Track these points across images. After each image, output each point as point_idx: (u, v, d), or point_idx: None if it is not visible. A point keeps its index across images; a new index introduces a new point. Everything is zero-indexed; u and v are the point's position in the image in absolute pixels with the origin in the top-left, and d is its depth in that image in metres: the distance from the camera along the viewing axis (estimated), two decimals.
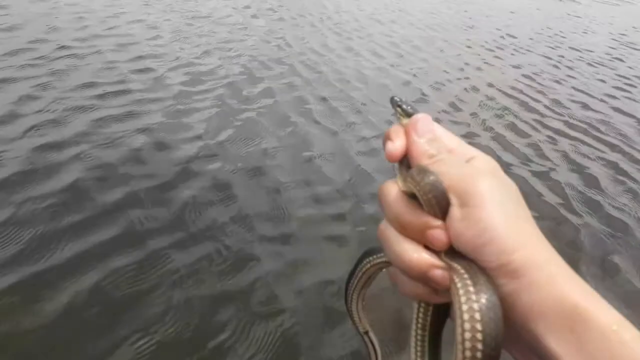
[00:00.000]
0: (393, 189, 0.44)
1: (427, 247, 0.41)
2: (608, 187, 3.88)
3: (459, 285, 0.38)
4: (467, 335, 0.36)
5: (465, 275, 0.38)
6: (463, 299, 0.37)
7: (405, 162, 0.45)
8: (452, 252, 0.40)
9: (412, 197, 0.42)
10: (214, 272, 2.45)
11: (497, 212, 0.38)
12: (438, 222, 0.40)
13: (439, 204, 0.40)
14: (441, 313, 0.44)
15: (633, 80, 7.00)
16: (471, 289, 0.37)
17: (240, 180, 3.24)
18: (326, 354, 2.12)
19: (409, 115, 0.48)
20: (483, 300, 0.36)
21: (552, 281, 0.36)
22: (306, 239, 2.79)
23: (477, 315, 0.36)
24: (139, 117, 3.87)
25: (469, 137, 4.38)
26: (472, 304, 0.36)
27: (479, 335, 0.35)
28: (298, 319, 2.26)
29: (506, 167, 3.85)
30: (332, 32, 7.29)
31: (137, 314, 2.15)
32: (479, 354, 0.35)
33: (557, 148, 4.44)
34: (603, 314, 0.35)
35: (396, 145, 0.45)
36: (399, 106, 0.49)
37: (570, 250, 3.04)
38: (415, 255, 0.40)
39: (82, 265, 2.35)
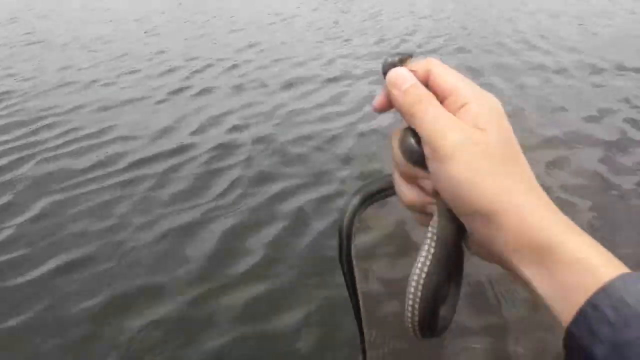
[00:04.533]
0: (394, 142, 0.46)
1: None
2: None
3: (428, 235, 0.45)
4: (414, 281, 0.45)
5: (433, 229, 0.45)
6: (422, 258, 0.45)
7: None
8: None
9: None
10: None
11: (462, 169, 0.40)
12: (424, 174, 0.44)
13: (417, 162, 0.44)
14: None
15: None
16: (430, 246, 0.45)
17: None
18: None
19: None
20: (427, 270, 0.45)
21: (522, 223, 0.39)
22: None
23: (421, 281, 0.44)
24: None
25: None
26: (422, 272, 0.45)
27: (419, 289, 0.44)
28: None
29: None
30: None
31: None
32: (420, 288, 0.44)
33: None
34: (571, 243, 0.37)
35: (376, 100, 0.47)
36: (388, 66, 0.47)
37: None
38: (411, 196, 0.46)
39: None
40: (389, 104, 0.46)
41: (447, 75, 0.44)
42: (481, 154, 0.40)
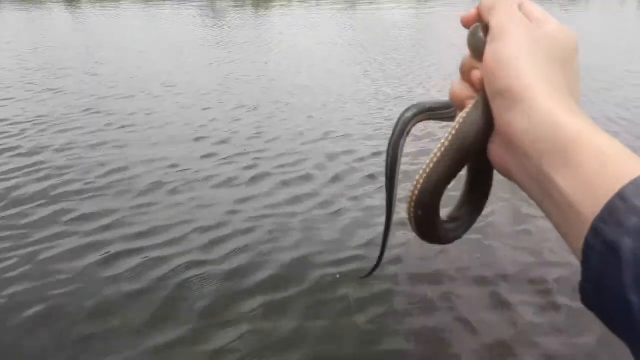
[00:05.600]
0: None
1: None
2: None
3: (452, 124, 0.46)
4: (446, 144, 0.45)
5: (459, 119, 0.46)
6: (438, 144, 0.46)
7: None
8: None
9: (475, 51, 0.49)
10: None
11: (511, 47, 0.43)
12: (478, 65, 0.46)
13: (478, 51, 0.46)
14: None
15: None
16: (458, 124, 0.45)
17: None
18: None
19: None
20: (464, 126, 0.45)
21: (549, 113, 0.39)
22: None
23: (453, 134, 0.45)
24: None
25: None
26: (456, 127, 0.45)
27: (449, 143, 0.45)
28: None
29: None
30: None
31: None
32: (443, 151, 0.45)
33: None
34: (597, 139, 0.37)
35: (468, 12, 0.50)
36: None
37: None
38: (457, 87, 0.49)
39: None
40: (477, 17, 0.49)
41: (540, 9, 0.47)
42: (534, 39, 0.43)
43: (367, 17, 18.69)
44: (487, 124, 0.44)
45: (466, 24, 0.50)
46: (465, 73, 0.48)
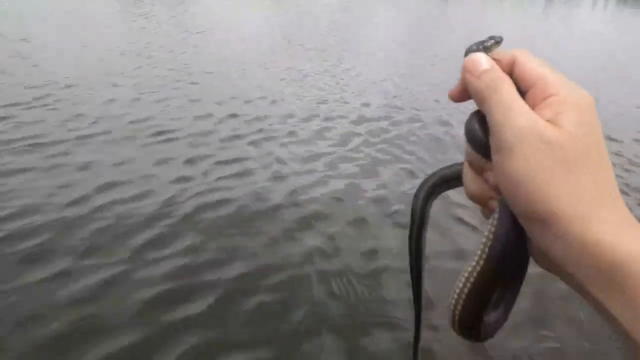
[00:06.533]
0: None
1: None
2: None
3: (485, 234, 0.42)
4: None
5: (491, 228, 0.42)
6: (476, 257, 0.43)
7: None
8: None
9: None
10: None
11: (521, 164, 0.37)
12: (489, 165, 0.42)
13: (481, 151, 0.42)
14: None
15: None
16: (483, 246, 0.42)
17: None
18: None
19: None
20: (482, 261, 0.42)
21: (585, 234, 0.35)
22: None
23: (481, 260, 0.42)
24: None
25: None
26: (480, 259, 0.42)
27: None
28: None
29: None
30: None
31: None
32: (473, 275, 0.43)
33: None
34: None
35: (452, 88, 0.45)
36: (468, 52, 0.45)
37: None
38: (474, 188, 0.45)
39: None
40: (464, 94, 0.44)
41: (532, 63, 0.41)
42: (547, 152, 0.37)
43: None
44: (522, 237, 0.40)
45: (454, 100, 0.46)
46: (477, 171, 0.44)
